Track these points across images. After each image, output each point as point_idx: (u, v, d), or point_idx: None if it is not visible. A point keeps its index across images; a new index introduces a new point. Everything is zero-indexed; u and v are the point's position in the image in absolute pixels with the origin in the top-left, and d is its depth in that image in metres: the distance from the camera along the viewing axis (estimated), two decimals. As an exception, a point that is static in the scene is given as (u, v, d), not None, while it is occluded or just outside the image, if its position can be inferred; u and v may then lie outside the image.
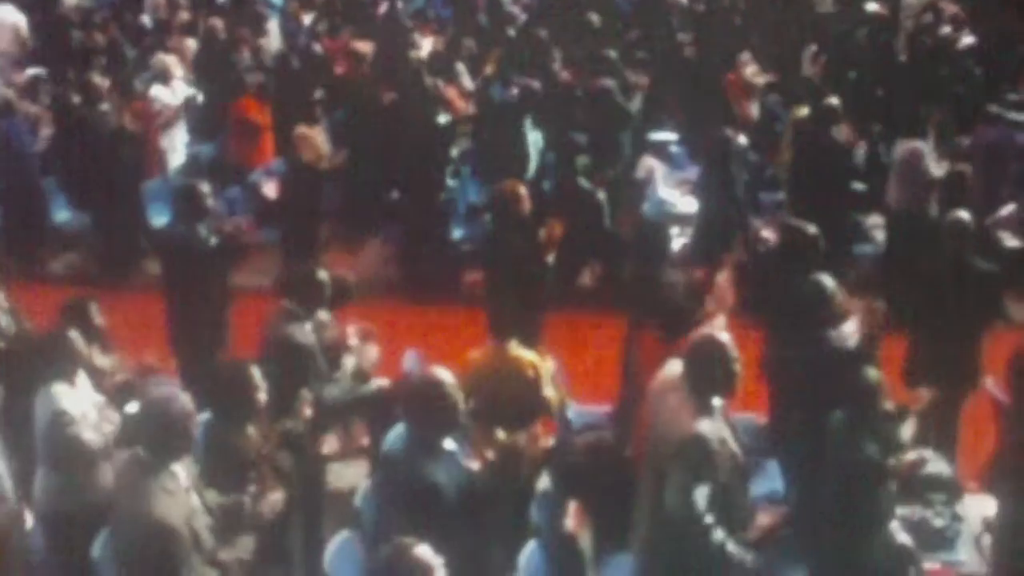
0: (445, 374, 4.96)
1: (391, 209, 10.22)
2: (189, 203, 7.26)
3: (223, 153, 10.87)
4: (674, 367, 5.22)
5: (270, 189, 10.31)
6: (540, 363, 6.42)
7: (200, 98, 11.50)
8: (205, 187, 7.35)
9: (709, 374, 4.88)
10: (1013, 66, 11.81)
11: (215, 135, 11.25)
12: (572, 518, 5.83)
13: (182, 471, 4.65)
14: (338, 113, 11.04)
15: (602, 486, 6.18)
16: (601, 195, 9.72)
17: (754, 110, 11.60)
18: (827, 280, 6.09)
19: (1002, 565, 5.82)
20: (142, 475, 4.54)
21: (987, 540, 6.08)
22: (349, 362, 6.32)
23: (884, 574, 5.32)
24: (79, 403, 5.47)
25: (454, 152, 10.53)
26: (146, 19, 14.77)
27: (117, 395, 5.89)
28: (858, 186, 9.97)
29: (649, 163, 10.26)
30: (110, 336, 6.49)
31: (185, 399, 4.71)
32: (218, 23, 12.33)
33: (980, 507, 6.27)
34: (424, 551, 3.85)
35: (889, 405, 5.63)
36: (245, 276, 8.28)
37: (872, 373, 5.28)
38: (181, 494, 4.56)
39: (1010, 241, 9.13)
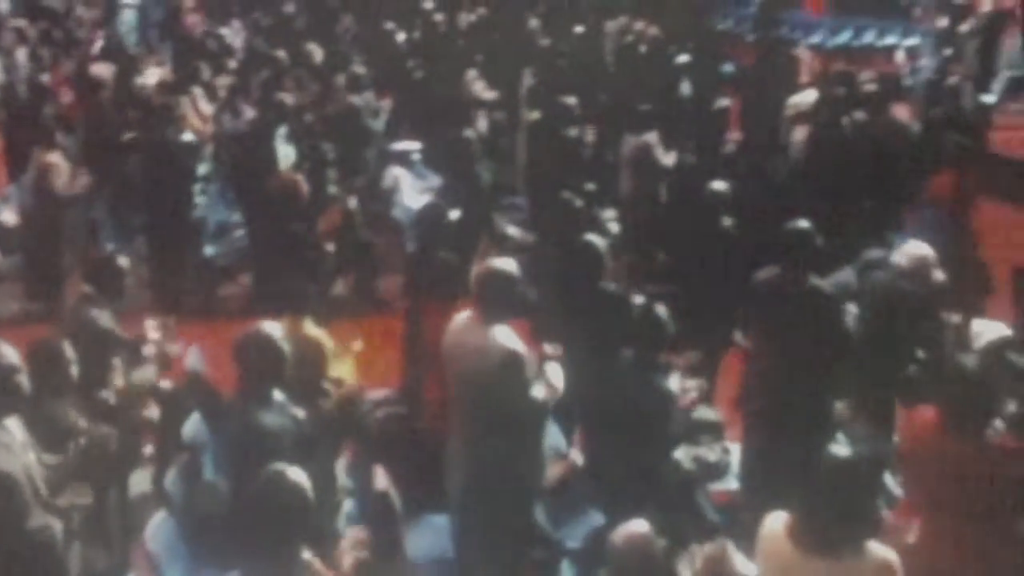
0: (274, 328, 5.11)
1: (141, 228, 10.15)
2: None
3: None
4: (459, 318, 5.62)
5: (8, 216, 10.08)
6: (328, 341, 6.63)
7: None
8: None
9: (499, 298, 5.32)
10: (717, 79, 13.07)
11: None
12: (381, 478, 6.10)
13: (16, 427, 4.60)
14: (76, 138, 10.87)
15: (401, 455, 6.48)
16: (352, 203, 10.03)
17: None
18: (596, 238, 6.65)
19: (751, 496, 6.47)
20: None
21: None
22: (150, 352, 6.35)
23: (675, 498, 5.84)
24: None
25: (201, 170, 10.58)
26: None
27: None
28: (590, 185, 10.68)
29: (395, 172, 10.68)
30: None
31: (9, 352, 4.66)
32: (-68, 53, 11.93)
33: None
34: (297, 473, 4.01)
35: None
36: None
37: (661, 310, 5.77)
38: (16, 447, 4.52)
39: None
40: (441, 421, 6.11)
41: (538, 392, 5.39)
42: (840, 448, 3.87)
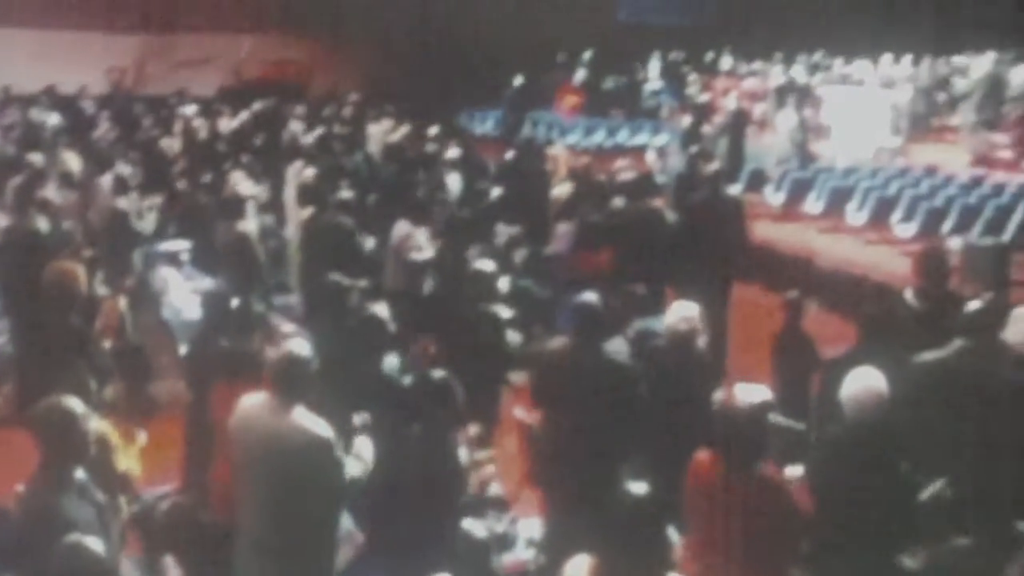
0: (76, 403, 4.92)
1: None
2: None
3: None
4: (248, 400, 5.58)
5: None
6: (113, 434, 6.47)
7: None
8: None
9: (296, 380, 5.29)
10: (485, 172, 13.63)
11: None
12: (172, 569, 5.98)
13: None
14: None
15: (189, 545, 6.37)
16: (122, 304, 9.81)
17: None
18: (380, 309, 6.78)
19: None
20: None
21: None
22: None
23: (469, 565, 5.93)
24: None
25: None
26: None
27: None
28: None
29: (164, 273, 10.54)
30: None
31: None
32: None
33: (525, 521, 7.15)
34: (96, 542, 3.92)
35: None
36: None
37: (452, 381, 5.93)
38: None
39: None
40: (229, 508, 6.02)
41: (353, 469, 5.38)
42: (633, 486, 4.09)
